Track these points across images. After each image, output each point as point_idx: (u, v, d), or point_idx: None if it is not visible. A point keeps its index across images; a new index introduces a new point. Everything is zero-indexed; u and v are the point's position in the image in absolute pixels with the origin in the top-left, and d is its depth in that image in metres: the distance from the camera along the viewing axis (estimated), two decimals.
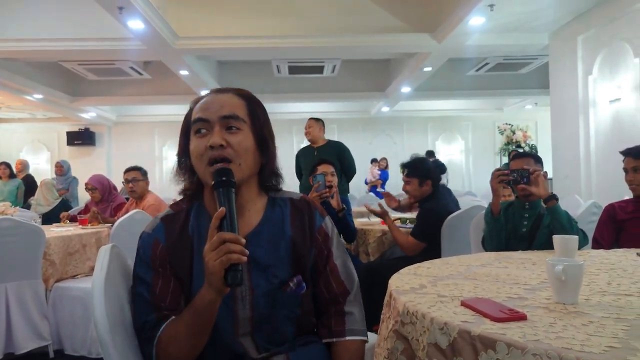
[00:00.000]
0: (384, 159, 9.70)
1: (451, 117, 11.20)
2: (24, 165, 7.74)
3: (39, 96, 7.47)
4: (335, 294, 1.14)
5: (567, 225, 2.10)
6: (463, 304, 1.04)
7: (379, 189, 9.28)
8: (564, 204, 4.36)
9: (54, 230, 3.39)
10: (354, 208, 5.62)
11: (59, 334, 2.91)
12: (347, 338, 1.13)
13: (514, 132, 9.61)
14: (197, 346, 1.00)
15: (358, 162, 10.00)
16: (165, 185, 10.71)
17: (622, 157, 2.47)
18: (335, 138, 10.86)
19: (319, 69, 7.34)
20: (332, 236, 1.14)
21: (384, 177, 9.55)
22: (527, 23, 5.07)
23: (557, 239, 1.75)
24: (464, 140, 11.51)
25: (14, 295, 2.68)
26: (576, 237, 1.74)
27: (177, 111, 10.09)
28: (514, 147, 9.59)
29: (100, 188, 4.15)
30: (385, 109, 9.90)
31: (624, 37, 4.23)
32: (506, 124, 9.69)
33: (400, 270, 1.70)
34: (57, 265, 3.04)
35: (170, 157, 10.96)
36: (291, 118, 10.75)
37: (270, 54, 6.10)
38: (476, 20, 4.61)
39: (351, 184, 10.19)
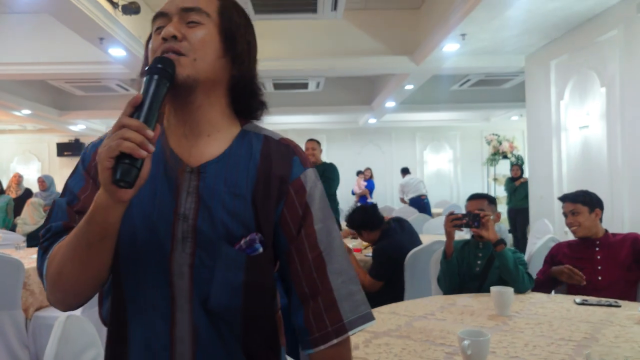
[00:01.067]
0: (368, 169, 9.83)
1: (439, 127, 11.34)
2: (19, 179, 7.78)
3: (27, 112, 7.55)
4: (309, 269, 0.83)
5: (514, 270, 2.21)
6: None
7: (369, 200, 9.41)
8: (534, 229, 4.46)
9: (33, 258, 3.48)
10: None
11: None
12: (334, 341, 0.82)
13: (500, 143, 9.75)
14: (93, 266, 0.76)
15: (347, 172, 10.21)
16: None
17: (590, 184, 2.57)
18: (324, 148, 11.10)
19: (304, 85, 7.46)
20: (313, 193, 0.86)
21: (370, 186, 9.67)
22: (503, 47, 5.20)
23: (493, 291, 1.86)
24: (452, 150, 11.65)
25: None
26: (510, 290, 1.86)
27: None
28: (501, 157, 9.75)
29: None
30: (372, 120, 10.03)
31: (591, 66, 4.35)
32: (493, 134, 9.83)
33: None
34: (36, 294, 3.13)
35: None
36: (282, 129, 10.87)
37: (261, 73, 6.21)
38: (450, 47, 4.73)
39: (340, 196, 10.34)
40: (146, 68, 0.76)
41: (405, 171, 9.04)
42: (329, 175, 4.48)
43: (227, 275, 0.79)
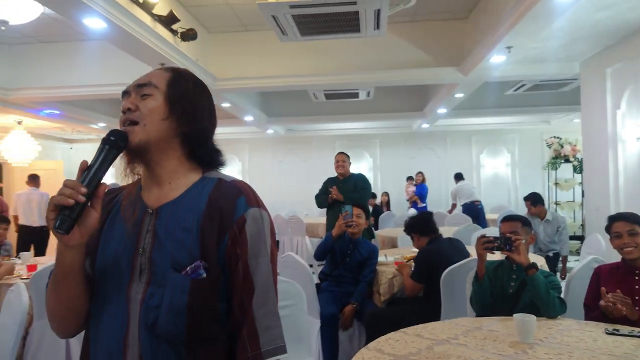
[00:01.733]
0: (420, 173, 9.76)
1: (496, 130, 11.04)
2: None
3: (102, 124, 8.27)
4: (239, 298, 0.95)
5: (545, 295, 2.24)
6: None
7: (420, 205, 9.37)
8: (586, 243, 4.33)
9: None
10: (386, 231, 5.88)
11: None
12: None
13: (562, 146, 9.36)
14: (65, 299, 0.96)
15: (400, 177, 10.13)
16: None
17: None
18: (377, 153, 11.21)
19: (354, 95, 7.59)
20: (252, 231, 0.96)
21: (420, 192, 9.60)
22: (554, 55, 5.07)
23: (515, 319, 1.92)
24: (510, 153, 11.30)
25: None
26: (533, 318, 1.90)
27: (226, 130, 10.69)
28: (562, 161, 9.36)
29: None
30: (425, 125, 9.97)
31: None
32: (554, 137, 9.45)
33: (369, 345, 1.96)
34: None
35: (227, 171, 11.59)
36: (334, 134, 11.06)
37: (306, 88, 6.43)
38: (497, 59, 4.69)
39: (393, 200, 10.26)
40: (102, 138, 0.95)
41: (458, 177, 8.92)
42: (363, 185, 4.69)
43: (174, 299, 0.91)
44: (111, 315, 0.95)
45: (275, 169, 11.40)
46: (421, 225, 3.36)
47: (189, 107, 1.01)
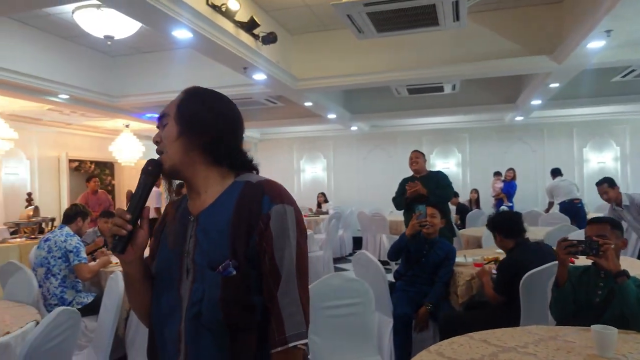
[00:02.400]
0: (511, 169, 9.16)
1: (602, 120, 10.03)
2: None
3: None
4: (269, 285, 1.05)
5: (635, 307, 2.04)
6: None
7: (506, 203, 8.85)
8: None
9: None
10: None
11: None
12: (279, 349, 1.03)
13: None
14: (134, 297, 1.18)
15: (491, 173, 9.60)
16: (303, 194, 11.67)
17: None
18: (466, 148, 10.76)
19: (439, 89, 7.36)
20: (276, 226, 1.05)
21: (507, 189, 9.02)
22: None
23: (594, 330, 1.77)
24: (620, 146, 10.21)
25: None
26: (614, 331, 1.75)
27: (311, 128, 10.93)
28: None
29: None
30: (518, 118, 9.36)
31: None
32: None
33: (431, 347, 1.92)
34: None
35: (307, 169, 11.88)
36: (420, 129, 10.81)
37: (387, 84, 6.36)
38: (595, 44, 4.27)
39: (483, 197, 9.72)
40: (142, 169, 1.12)
41: (555, 172, 8.25)
42: (446, 182, 4.56)
43: (210, 294, 1.05)
44: (167, 310, 1.11)
45: (360, 166, 11.40)
46: (506, 225, 3.09)
47: (196, 121, 1.11)
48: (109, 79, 6.23)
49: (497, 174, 9.45)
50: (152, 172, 1.12)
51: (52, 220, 6.54)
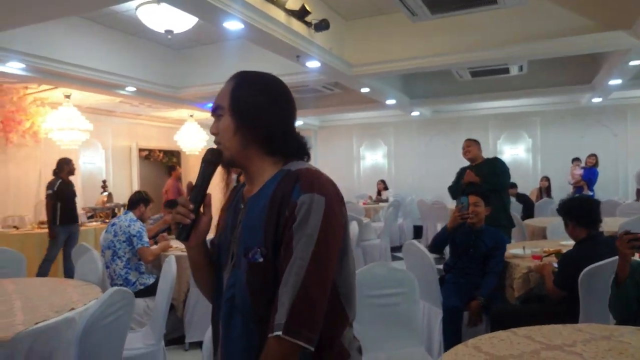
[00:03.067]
0: (593, 155, 8.50)
1: None
2: None
3: None
4: (286, 276, 1.02)
5: None
6: None
7: (585, 191, 8.25)
8: None
9: None
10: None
11: None
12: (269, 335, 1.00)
13: None
14: (198, 278, 1.24)
15: (565, 160, 8.99)
16: (363, 182, 11.63)
17: None
18: (537, 133, 10.16)
19: (504, 70, 6.97)
20: (300, 216, 1.02)
21: (589, 176, 8.39)
22: None
23: None
24: None
25: None
26: None
27: (371, 115, 10.82)
28: None
29: None
30: (596, 99, 8.67)
31: None
32: None
33: (469, 341, 1.85)
34: None
35: (367, 156, 11.79)
36: (486, 114, 10.34)
37: (448, 67, 6.11)
38: None
39: (555, 185, 9.12)
40: (202, 158, 1.16)
41: None
42: (498, 170, 4.36)
43: (241, 279, 1.09)
44: (217, 290, 1.20)
45: (422, 152, 11.13)
46: (581, 211, 2.78)
47: (252, 114, 1.11)
48: (172, 71, 6.52)
49: (576, 160, 8.82)
50: (212, 161, 1.15)
51: (124, 206, 7.02)
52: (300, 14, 4.28)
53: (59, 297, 2.53)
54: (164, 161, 10.50)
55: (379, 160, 11.66)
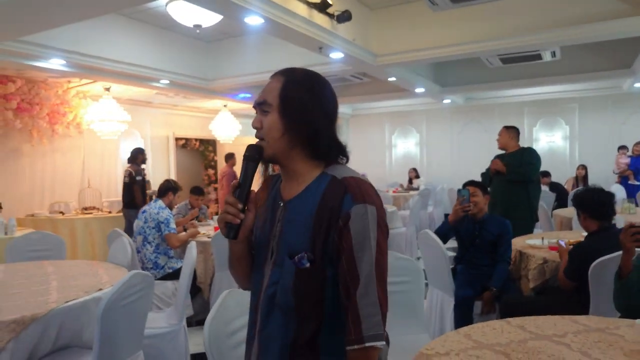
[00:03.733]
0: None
1: None
2: None
3: None
4: (346, 287, 1.06)
5: None
6: None
7: (631, 181, 7.94)
8: None
9: None
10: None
11: None
12: (355, 347, 1.04)
13: None
14: (237, 269, 1.26)
15: (605, 147, 8.67)
16: (395, 170, 11.61)
17: None
18: (574, 120, 9.83)
19: (536, 57, 6.78)
20: (356, 226, 1.05)
21: (636, 165, 8.05)
22: None
23: (638, 324, 1.65)
24: None
25: None
26: None
27: (403, 103, 10.75)
28: None
29: None
30: (639, 84, 8.28)
31: None
32: None
33: (460, 329, 1.92)
34: None
35: (399, 144, 11.75)
36: (521, 100, 10.07)
37: (476, 55, 6.00)
38: None
39: (593, 174, 8.80)
40: (243, 155, 1.16)
41: None
42: (528, 160, 4.33)
43: (285, 279, 1.11)
44: (255, 283, 1.22)
45: (454, 140, 10.98)
46: (593, 203, 2.76)
47: (303, 118, 1.11)
48: (203, 63, 6.74)
49: (623, 148, 8.46)
50: (253, 158, 1.15)
51: None
52: (322, 6, 4.35)
53: (91, 278, 2.77)
54: (200, 149, 10.85)
55: (411, 148, 11.60)
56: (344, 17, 4.63)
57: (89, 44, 5.18)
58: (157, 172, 8.79)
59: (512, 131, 4.61)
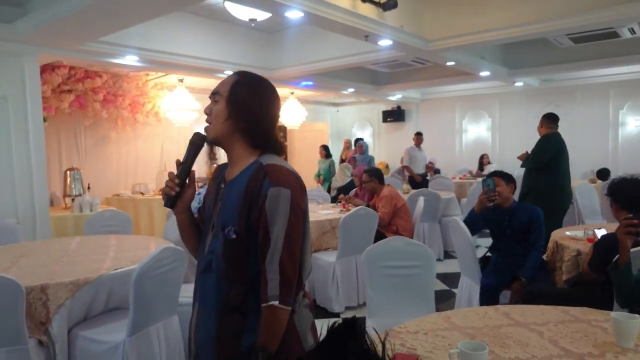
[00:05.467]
0: None
1: None
2: (347, 144, 9.96)
3: (351, 90, 9.37)
4: (262, 253, 1.27)
5: None
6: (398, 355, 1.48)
7: None
8: None
9: (323, 213, 4.72)
10: None
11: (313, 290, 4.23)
12: (263, 305, 1.26)
13: None
14: (184, 237, 1.48)
15: None
16: (465, 155, 11.28)
17: None
18: None
19: (612, 35, 6.25)
20: (270, 205, 1.26)
21: None
22: None
23: (613, 318, 1.65)
24: None
25: None
26: (637, 321, 1.60)
27: (473, 86, 10.37)
28: None
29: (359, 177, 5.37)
30: None
31: None
32: None
33: (442, 313, 2.01)
34: (313, 240, 4.33)
35: (470, 129, 11.36)
36: (605, 81, 9.29)
37: (541, 35, 5.65)
38: None
39: None
40: (189, 139, 1.41)
41: None
42: (534, 148, 4.80)
43: (218, 249, 1.34)
44: (202, 252, 1.43)
45: (530, 125, 10.36)
46: (626, 195, 2.61)
47: (244, 110, 1.34)
48: (266, 54, 7.06)
49: None
50: (197, 144, 1.38)
51: None
52: None
53: (142, 251, 3.18)
54: None
55: (482, 133, 11.17)
56: (390, 4, 4.65)
57: (159, 41, 5.69)
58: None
59: (543, 119, 4.93)
